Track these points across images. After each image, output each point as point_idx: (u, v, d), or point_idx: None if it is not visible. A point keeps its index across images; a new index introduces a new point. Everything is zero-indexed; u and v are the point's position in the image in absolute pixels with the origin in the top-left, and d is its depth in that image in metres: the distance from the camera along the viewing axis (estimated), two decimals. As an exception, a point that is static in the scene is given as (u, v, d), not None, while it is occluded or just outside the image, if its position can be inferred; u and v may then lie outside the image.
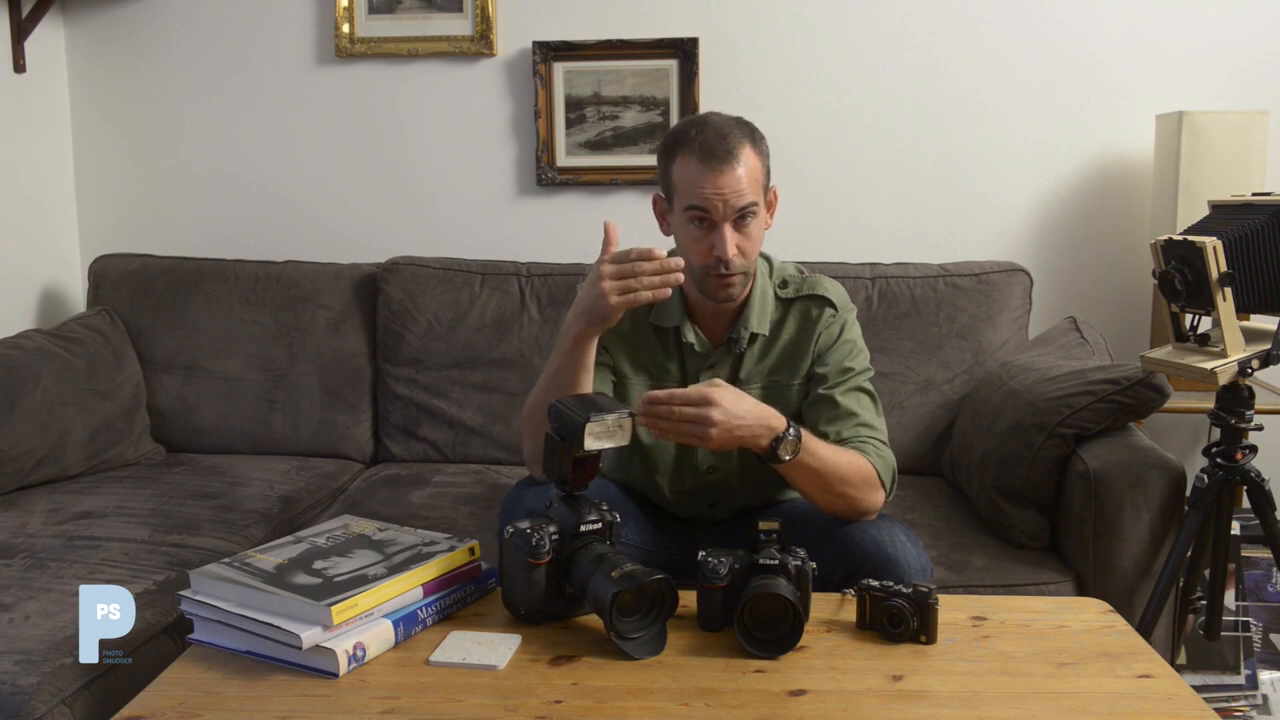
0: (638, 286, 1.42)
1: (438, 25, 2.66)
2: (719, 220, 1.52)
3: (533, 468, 1.63)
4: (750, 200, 1.53)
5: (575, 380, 1.52)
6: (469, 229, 2.71)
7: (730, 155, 1.51)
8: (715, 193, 1.51)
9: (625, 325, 1.66)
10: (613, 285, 1.43)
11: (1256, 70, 2.52)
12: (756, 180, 1.55)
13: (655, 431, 1.43)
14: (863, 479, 1.53)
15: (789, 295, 1.67)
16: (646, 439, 1.68)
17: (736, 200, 1.52)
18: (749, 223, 1.55)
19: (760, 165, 1.56)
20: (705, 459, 1.69)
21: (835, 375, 1.63)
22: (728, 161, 1.51)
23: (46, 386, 2.22)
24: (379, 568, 1.35)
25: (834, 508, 1.54)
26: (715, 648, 1.31)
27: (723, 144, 1.52)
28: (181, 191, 2.78)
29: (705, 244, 1.54)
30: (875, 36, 2.60)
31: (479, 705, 1.18)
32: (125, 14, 2.72)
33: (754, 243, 1.57)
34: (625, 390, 1.68)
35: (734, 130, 1.55)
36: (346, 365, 2.50)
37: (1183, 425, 2.58)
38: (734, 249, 1.53)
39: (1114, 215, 2.61)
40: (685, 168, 1.54)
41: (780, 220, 1.71)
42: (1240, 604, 2.14)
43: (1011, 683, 1.24)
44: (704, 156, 1.51)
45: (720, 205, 1.51)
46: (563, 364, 1.52)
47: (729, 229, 1.53)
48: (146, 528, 1.94)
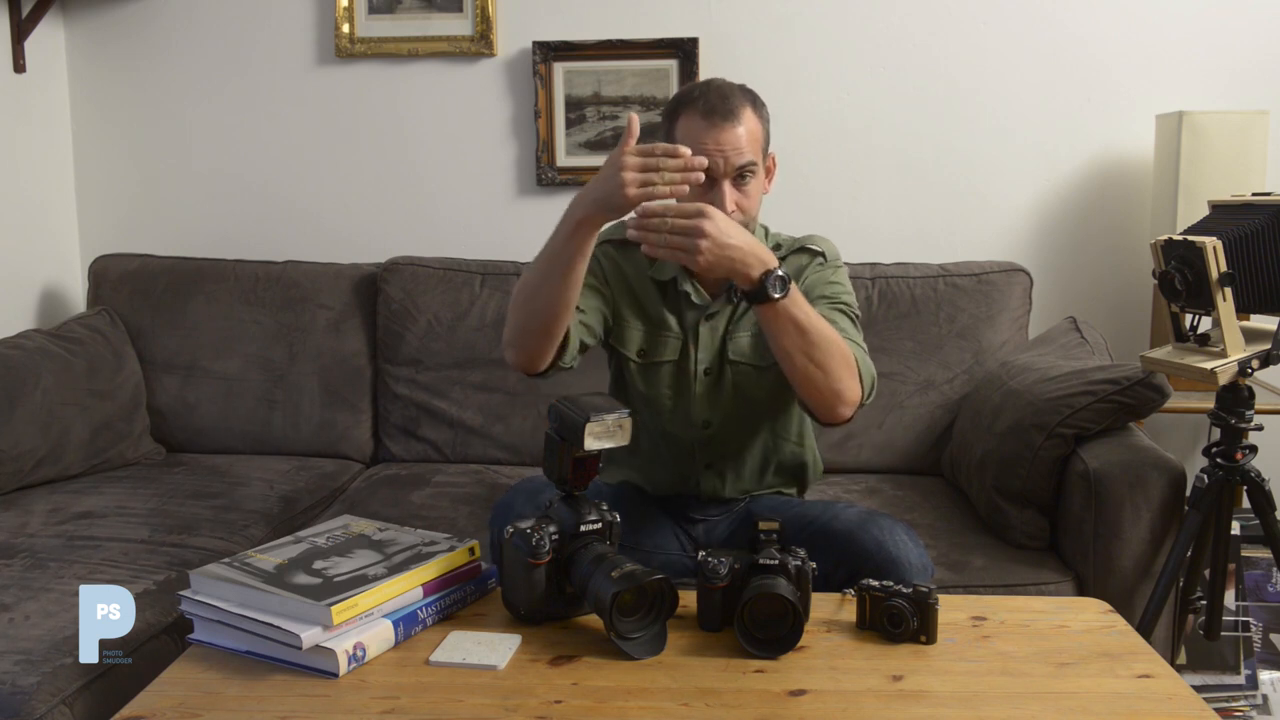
0: (658, 180, 1.39)
1: (438, 25, 2.66)
2: (719, 176, 1.55)
3: (507, 351, 1.61)
4: (750, 159, 1.57)
5: (571, 265, 1.47)
6: (469, 229, 2.71)
7: (732, 114, 1.56)
8: (716, 148, 1.54)
9: (628, 270, 1.70)
10: (634, 176, 1.38)
11: (1256, 70, 2.52)
12: (756, 141, 1.59)
13: (646, 245, 1.42)
14: (844, 358, 1.50)
15: (782, 254, 1.69)
16: (643, 388, 1.70)
17: (736, 157, 1.55)
18: (748, 181, 1.58)
19: (760, 129, 1.61)
20: (701, 411, 1.69)
21: (818, 299, 1.62)
22: (729, 119, 1.55)
23: (46, 386, 2.22)
24: (379, 568, 1.35)
25: (811, 381, 1.49)
26: (715, 648, 1.31)
27: (725, 103, 1.56)
28: (181, 191, 2.78)
29: (706, 199, 1.54)
30: (875, 37, 2.60)
31: (479, 705, 1.18)
32: (125, 14, 2.72)
33: (752, 201, 1.60)
34: (623, 332, 1.70)
35: (736, 92, 1.60)
36: (346, 365, 2.50)
37: (1183, 425, 2.58)
38: (732, 204, 1.55)
39: (1114, 215, 2.61)
40: (689, 124, 1.57)
41: (781, 220, 1.72)
42: (1240, 604, 2.14)
43: (1011, 683, 1.24)
44: (707, 113, 1.56)
45: (721, 161, 1.55)
46: (560, 247, 1.47)
47: (728, 185, 1.56)
48: (146, 528, 1.94)
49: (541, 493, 1.51)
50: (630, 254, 1.71)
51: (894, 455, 2.35)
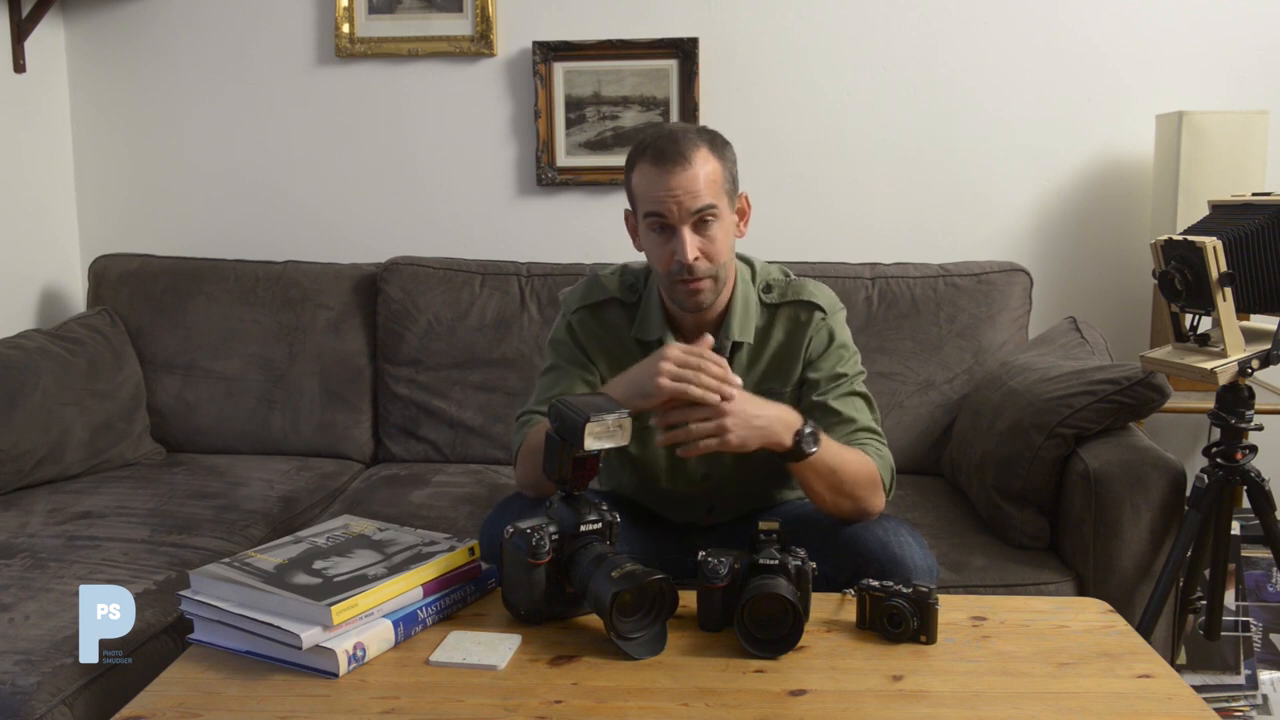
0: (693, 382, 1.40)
1: (438, 25, 2.66)
2: (676, 223, 1.51)
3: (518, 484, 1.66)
4: (707, 202, 1.51)
5: None
6: (469, 229, 2.71)
7: (682, 156, 1.50)
8: (669, 194, 1.50)
9: (604, 334, 1.67)
10: (672, 369, 1.41)
11: (1256, 70, 2.52)
12: (715, 183, 1.52)
13: (680, 450, 1.43)
14: (870, 480, 1.53)
15: (774, 300, 1.65)
16: (635, 451, 1.66)
17: (691, 202, 1.50)
18: (710, 226, 1.52)
19: (721, 169, 1.54)
20: (699, 467, 1.67)
21: (829, 381, 1.62)
22: (679, 163, 1.50)
23: (46, 386, 2.22)
24: (379, 568, 1.35)
25: (840, 508, 1.54)
26: (715, 648, 1.31)
27: (674, 146, 1.51)
28: (181, 191, 2.78)
29: (667, 249, 1.53)
30: (875, 36, 2.60)
31: (479, 705, 1.18)
32: (125, 14, 2.72)
33: (718, 247, 1.54)
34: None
35: (689, 134, 1.54)
36: (346, 365, 2.50)
37: (1183, 425, 2.58)
38: (694, 251, 1.51)
39: (1114, 215, 2.61)
40: (642, 175, 1.53)
41: (781, 220, 1.70)
42: (1240, 604, 2.14)
43: (1011, 683, 1.24)
44: (656, 160, 1.51)
45: (675, 208, 1.50)
46: None
47: (688, 232, 1.51)
48: (146, 528, 1.94)
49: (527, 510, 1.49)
50: (604, 315, 1.68)
51: (894, 455, 2.33)
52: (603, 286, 1.69)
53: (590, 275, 1.73)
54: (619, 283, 1.69)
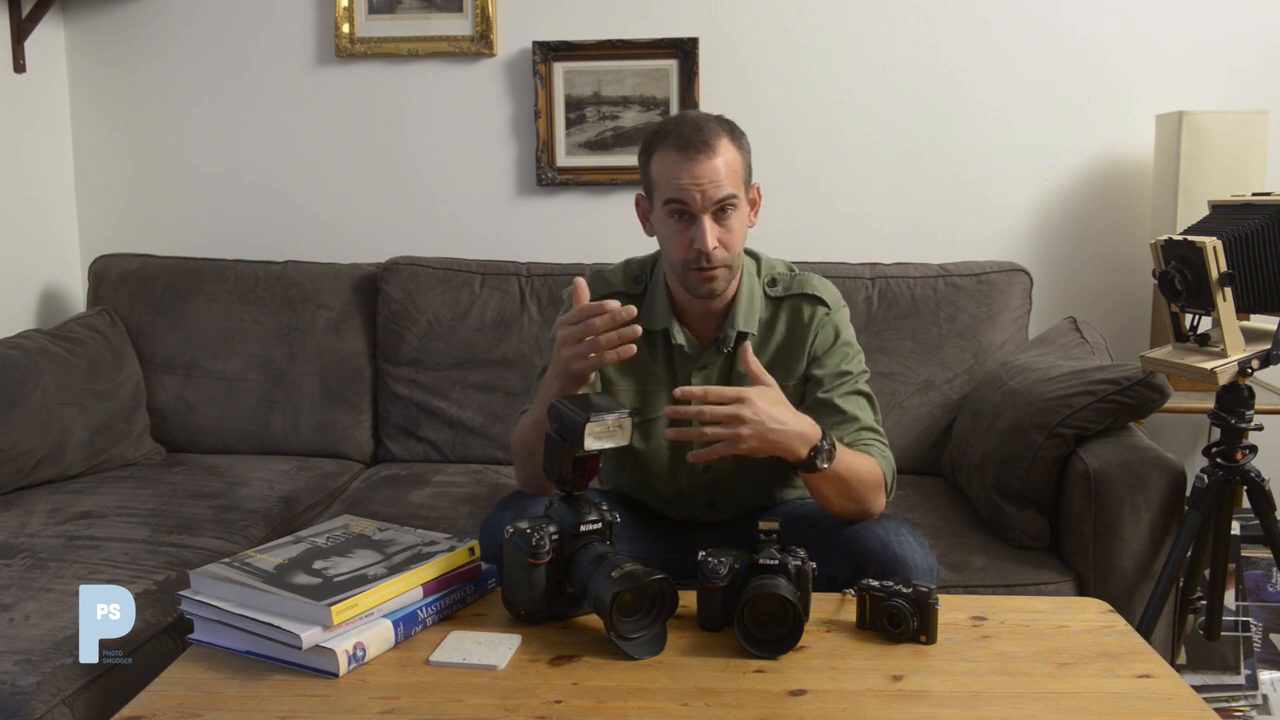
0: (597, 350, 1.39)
1: (438, 25, 2.66)
2: (698, 212, 1.52)
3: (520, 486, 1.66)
4: (729, 192, 1.52)
5: None
6: (469, 229, 2.71)
7: (707, 146, 1.51)
8: (693, 183, 1.50)
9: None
10: (569, 352, 1.41)
11: (1256, 70, 2.52)
12: (735, 173, 1.54)
13: (679, 434, 1.42)
14: (875, 483, 1.54)
15: (778, 294, 1.66)
16: (639, 445, 1.67)
17: (714, 191, 1.51)
18: (729, 215, 1.54)
19: (740, 159, 1.56)
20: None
21: (833, 379, 1.62)
22: (704, 152, 1.51)
23: (46, 386, 2.22)
24: (379, 568, 1.35)
25: (845, 511, 1.54)
26: (715, 648, 1.31)
27: (699, 135, 1.52)
28: (181, 191, 2.78)
29: (685, 237, 1.54)
30: (875, 36, 2.60)
31: (479, 705, 1.18)
32: (125, 14, 2.72)
33: (735, 236, 1.55)
34: (613, 395, 1.67)
35: (711, 123, 1.55)
36: (346, 365, 2.50)
37: (1183, 425, 2.58)
38: (714, 240, 1.52)
39: (1114, 215, 2.61)
40: (663, 161, 1.54)
41: (781, 220, 1.71)
42: (1240, 604, 2.14)
43: (1011, 683, 1.24)
44: (680, 147, 1.52)
45: (699, 196, 1.51)
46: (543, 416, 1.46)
47: (708, 220, 1.52)
48: (146, 528, 1.94)
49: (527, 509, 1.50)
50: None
51: (894, 455, 2.33)
52: (606, 281, 1.70)
53: (593, 271, 1.74)
54: (623, 276, 1.70)
